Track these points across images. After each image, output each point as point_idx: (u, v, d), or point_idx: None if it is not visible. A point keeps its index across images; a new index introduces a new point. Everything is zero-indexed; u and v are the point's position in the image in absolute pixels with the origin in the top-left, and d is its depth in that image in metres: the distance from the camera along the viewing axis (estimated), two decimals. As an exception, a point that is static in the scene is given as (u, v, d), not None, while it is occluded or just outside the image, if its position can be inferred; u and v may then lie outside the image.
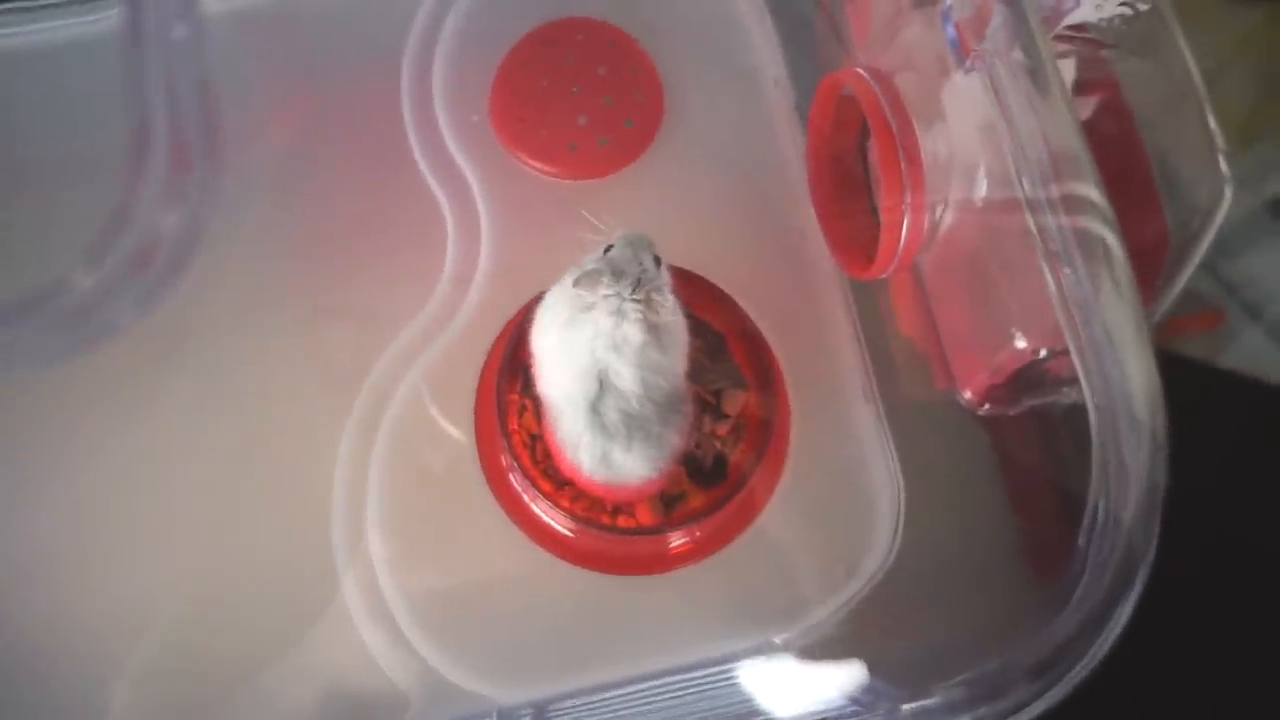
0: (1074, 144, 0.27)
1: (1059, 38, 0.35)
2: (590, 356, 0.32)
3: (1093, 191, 0.27)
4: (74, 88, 0.41)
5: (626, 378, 0.32)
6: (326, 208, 0.41)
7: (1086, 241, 0.27)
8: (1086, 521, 0.28)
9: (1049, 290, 0.28)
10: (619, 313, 0.32)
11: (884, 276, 0.38)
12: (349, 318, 0.39)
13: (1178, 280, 0.38)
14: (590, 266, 0.32)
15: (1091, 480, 0.28)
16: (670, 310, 0.32)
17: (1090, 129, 0.37)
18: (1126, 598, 0.25)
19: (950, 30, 0.30)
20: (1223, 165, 0.37)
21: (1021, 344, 0.34)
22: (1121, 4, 0.36)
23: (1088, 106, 0.37)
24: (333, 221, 0.41)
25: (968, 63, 0.29)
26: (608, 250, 0.33)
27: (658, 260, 0.33)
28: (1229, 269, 0.74)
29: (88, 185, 0.23)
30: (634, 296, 0.32)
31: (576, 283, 0.32)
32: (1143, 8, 0.36)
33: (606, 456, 0.33)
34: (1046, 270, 0.28)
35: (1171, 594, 0.27)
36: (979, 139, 0.33)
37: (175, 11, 0.26)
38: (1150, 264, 0.38)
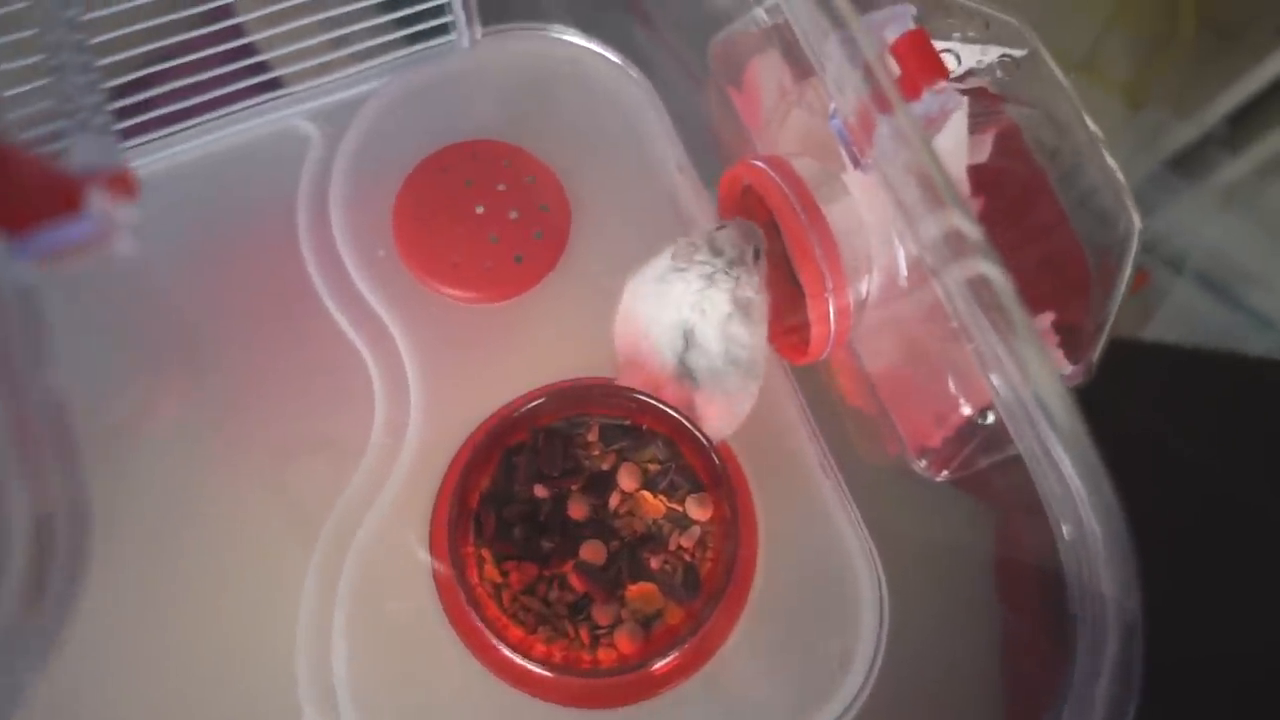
0: (966, 228, 0.27)
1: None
2: (678, 314, 0.34)
3: (989, 268, 0.27)
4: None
5: (711, 338, 0.34)
6: (241, 374, 0.40)
7: (985, 304, 0.27)
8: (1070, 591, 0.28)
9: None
10: (709, 279, 0.34)
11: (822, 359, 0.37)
12: (283, 493, 0.38)
13: (1114, 294, 0.39)
14: (689, 240, 0.34)
15: (1056, 543, 0.28)
16: (755, 289, 0.34)
17: (991, 171, 0.37)
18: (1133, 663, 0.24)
19: (840, 129, 0.29)
20: (1129, 203, 0.37)
21: (966, 410, 0.34)
22: (1003, 56, 0.36)
23: (984, 149, 0.37)
24: (250, 390, 0.39)
25: (863, 162, 0.29)
26: (719, 229, 0.35)
27: (758, 253, 0.35)
28: (1143, 230, 0.76)
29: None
30: (729, 271, 0.34)
31: (674, 255, 0.34)
32: (1019, 54, 0.36)
33: (688, 405, 0.36)
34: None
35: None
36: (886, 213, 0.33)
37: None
38: (1076, 285, 0.38)
